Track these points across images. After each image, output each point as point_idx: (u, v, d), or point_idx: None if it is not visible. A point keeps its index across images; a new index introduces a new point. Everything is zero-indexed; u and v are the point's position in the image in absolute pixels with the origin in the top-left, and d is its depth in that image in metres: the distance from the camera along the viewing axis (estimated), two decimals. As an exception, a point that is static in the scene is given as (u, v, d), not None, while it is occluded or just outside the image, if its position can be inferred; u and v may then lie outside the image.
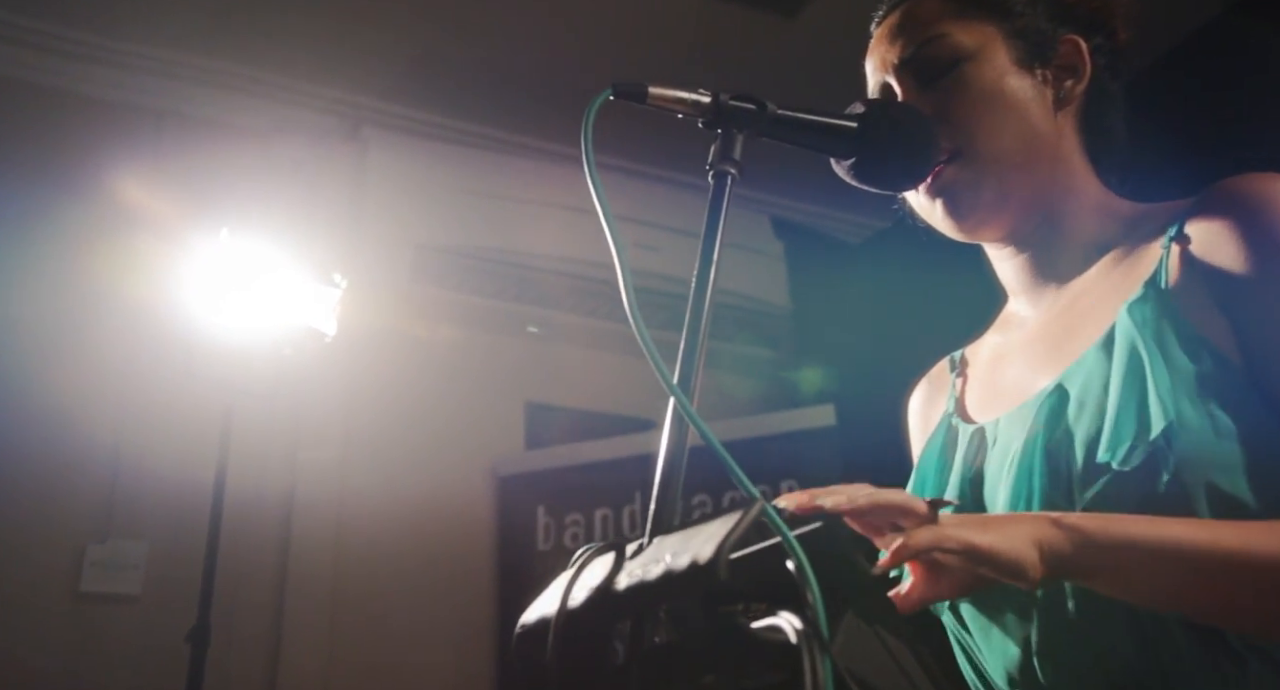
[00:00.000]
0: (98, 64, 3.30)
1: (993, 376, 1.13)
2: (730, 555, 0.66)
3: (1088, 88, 1.08)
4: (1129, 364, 0.91)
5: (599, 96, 0.90)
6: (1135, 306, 0.95)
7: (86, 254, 2.96)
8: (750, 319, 3.89)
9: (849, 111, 1.01)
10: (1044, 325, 1.08)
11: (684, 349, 0.89)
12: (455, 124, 3.73)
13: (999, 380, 1.11)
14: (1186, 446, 0.86)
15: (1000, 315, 1.19)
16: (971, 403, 1.14)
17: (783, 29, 3.36)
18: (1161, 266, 0.96)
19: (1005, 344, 1.14)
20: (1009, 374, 1.10)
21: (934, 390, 1.23)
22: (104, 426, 2.93)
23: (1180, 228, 0.97)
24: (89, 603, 2.80)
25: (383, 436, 3.31)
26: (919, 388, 1.26)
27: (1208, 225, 0.95)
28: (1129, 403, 0.89)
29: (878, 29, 1.11)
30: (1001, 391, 1.09)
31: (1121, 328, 0.94)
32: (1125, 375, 0.91)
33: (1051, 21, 1.08)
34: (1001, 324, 1.18)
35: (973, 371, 1.18)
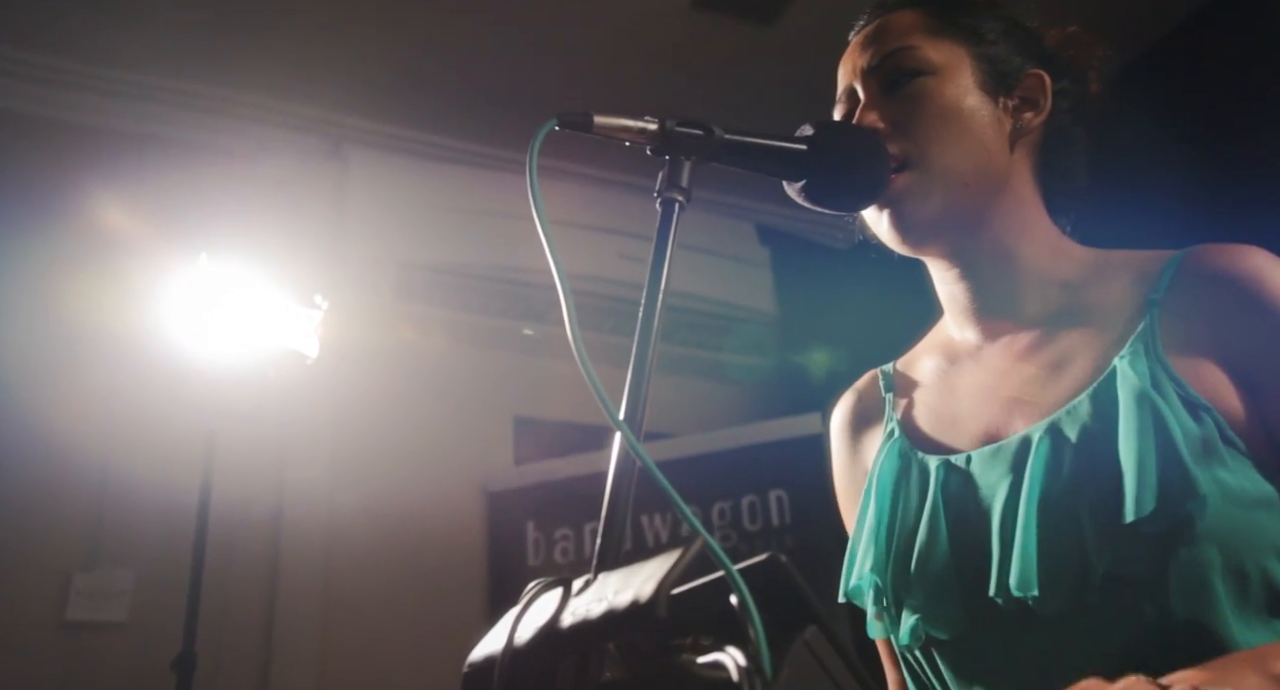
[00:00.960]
0: (78, 90, 3.31)
1: (945, 405, 1.10)
2: (672, 591, 0.66)
3: (1048, 126, 1.09)
4: (1139, 423, 0.90)
5: (543, 128, 0.90)
6: (1135, 363, 0.95)
7: (68, 280, 2.96)
8: (735, 327, 3.89)
9: (798, 134, 1.01)
10: (1007, 361, 1.06)
11: (631, 377, 0.88)
12: (437, 140, 3.74)
13: (954, 410, 1.09)
14: (1206, 512, 0.86)
15: (936, 337, 1.18)
16: (923, 428, 1.11)
17: (761, 36, 3.37)
18: (1151, 327, 0.97)
19: (954, 372, 1.12)
20: (964, 405, 1.08)
21: (865, 406, 1.20)
22: (89, 454, 2.92)
23: (1166, 291, 0.99)
24: (75, 631, 2.79)
25: (370, 455, 3.30)
26: (845, 401, 1.23)
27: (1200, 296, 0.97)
28: (1147, 464, 0.88)
29: (854, 37, 1.13)
30: (961, 425, 1.07)
31: (1125, 383, 0.94)
32: (1139, 434, 0.90)
33: (1021, 55, 1.09)
34: (943, 348, 1.15)
35: (918, 395, 1.15)
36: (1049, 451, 0.95)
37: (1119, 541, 0.88)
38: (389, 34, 3.27)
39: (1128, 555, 0.88)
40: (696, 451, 3.26)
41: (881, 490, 1.07)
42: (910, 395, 1.16)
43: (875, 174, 1.01)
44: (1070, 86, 1.11)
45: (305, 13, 3.16)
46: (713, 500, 3.21)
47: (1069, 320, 1.04)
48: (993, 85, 1.06)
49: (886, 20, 1.10)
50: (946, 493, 1.02)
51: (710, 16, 3.27)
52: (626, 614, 0.67)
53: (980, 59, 1.07)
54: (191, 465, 2.49)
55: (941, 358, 1.15)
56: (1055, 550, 0.91)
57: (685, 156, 0.93)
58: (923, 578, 0.99)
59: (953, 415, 1.09)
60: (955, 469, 1.03)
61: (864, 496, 1.10)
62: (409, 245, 3.57)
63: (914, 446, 1.09)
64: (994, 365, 1.07)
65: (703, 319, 3.81)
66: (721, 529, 3.19)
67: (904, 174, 1.02)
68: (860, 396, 1.22)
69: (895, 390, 1.17)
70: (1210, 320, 0.96)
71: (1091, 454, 0.93)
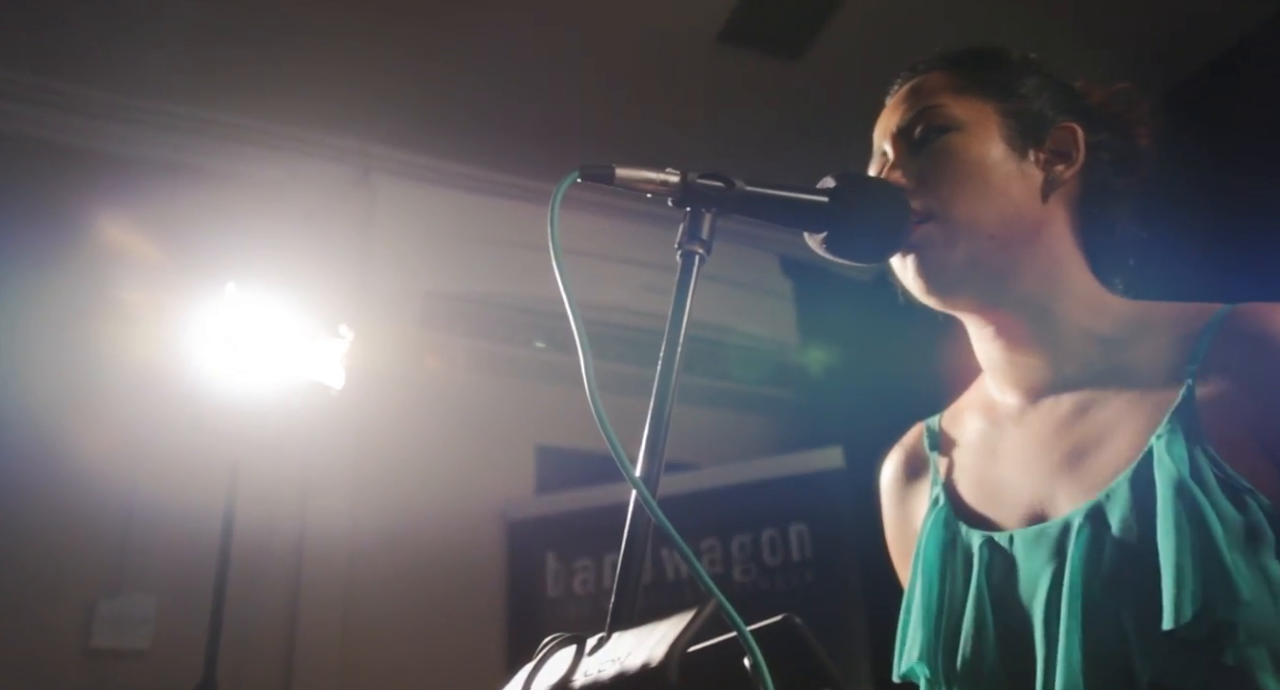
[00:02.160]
0: (107, 119, 3.36)
1: (988, 472, 1.09)
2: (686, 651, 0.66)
3: (1086, 179, 1.08)
4: (1178, 513, 0.87)
5: (564, 181, 0.90)
6: (1170, 444, 0.92)
7: (96, 308, 3.01)
8: (758, 359, 3.89)
9: (820, 186, 1.01)
10: (1049, 430, 1.04)
11: (649, 431, 0.88)
12: (464, 169, 3.77)
13: (997, 480, 1.07)
14: (1250, 614, 0.84)
15: (978, 393, 1.16)
16: (966, 496, 1.09)
17: (788, 71, 3.39)
18: (1188, 400, 0.94)
19: (996, 436, 1.10)
20: (1009, 477, 1.06)
21: (912, 464, 1.19)
22: (114, 481, 2.95)
23: (1206, 356, 0.96)
24: (99, 658, 2.81)
25: (392, 483, 3.31)
26: (893, 459, 1.22)
27: (1243, 362, 0.94)
28: (1185, 568, 0.85)
29: (889, 100, 1.14)
30: (1004, 497, 1.05)
31: (1162, 467, 0.91)
32: (1176, 526, 0.86)
33: (1055, 108, 1.09)
34: (985, 407, 1.14)
35: (959, 457, 1.13)
36: (1089, 541, 0.93)
37: (1162, 649, 0.85)
38: (417, 64, 3.31)
39: (1172, 664, 0.85)
40: (717, 484, 3.26)
41: (929, 565, 1.06)
42: (954, 457, 1.14)
43: (896, 225, 1.01)
44: (1110, 139, 1.10)
45: (335, 43, 3.20)
46: (733, 533, 3.20)
47: (1110, 383, 1.02)
48: (1020, 139, 1.06)
49: (917, 82, 1.12)
50: (990, 576, 1.00)
51: (736, 51, 3.29)
52: (638, 678, 0.66)
53: (1008, 115, 1.07)
54: (215, 493, 2.51)
55: (984, 419, 1.13)
56: (1100, 657, 0.88)
57: (706, 208, 0.93)
58: (970, 672, 0.98)
59: (996, 485, 1.07)
60: (999, 549, 1.01)
61: (913, 566, 1.09)
62: (434, 274, 3.60)
63: (958, 517, 1.07)
64: (1036, 433, 1.05)
65: (725, 350, 3.81)
66: (741, 563, 3.17)
67: (928, 225, 1.03)
68: (907, 454, 1.20)
69: (940, 449, 1.16)
70: (1248, 390, 0.92)
71: (1131, 546, 0.90)
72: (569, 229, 0.87)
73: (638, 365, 3.63)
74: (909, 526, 1.16)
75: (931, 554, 1.06)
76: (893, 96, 1.14)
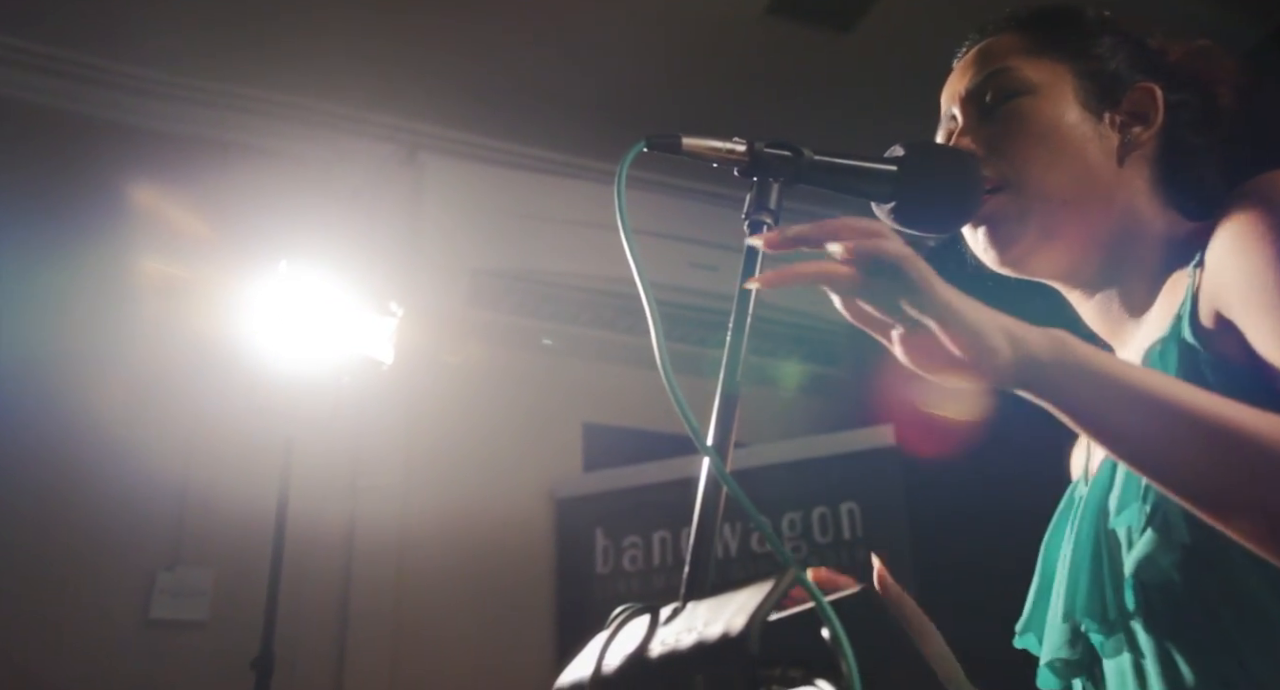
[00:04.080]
0: (161, 98, 3.39)
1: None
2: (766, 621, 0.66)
3: (1164, 139, 1.05)
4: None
5: (632, 150, 0.90)
6: (1165, 351, 0.91)
7: (150, 287, 3.05)
8: (807, 336, 3.86)
9: (889, 154, 0.99)
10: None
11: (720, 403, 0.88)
12: (511, 147, 3.76)
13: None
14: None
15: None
16: (1082, 454, 1.12)
17: (838, 43, 3.34)
18: (1188, 294, 0.93)
19: None
20: None
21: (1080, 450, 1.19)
22: (171, 457, 3.00)
23: (1212, 230, 0.94)
24: (158, 629, 2.87)
25: (442, 460, 3.34)
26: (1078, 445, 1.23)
27: (1220, 230, 0.92)
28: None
29: (957, 63, 1.12)
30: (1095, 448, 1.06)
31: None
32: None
33: (1131, 68, 1.06)
34: None
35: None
36: (1107, 473, 0.95)
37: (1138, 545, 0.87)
38: (464, 41, 3.31)
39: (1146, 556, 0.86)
40: (767, 461, 3.24)
41: (1049, 540, 1.08)
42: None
43: (967, 195, 1.00)
44: (1190, 98, 1.07)
45: (383, 20, 3.20)
46: (783, 511, 3.19)
47: (1158, 311, 1.01)
48: (1096, 101, 1.04)
49: (987, 44, 1.09)
50: (1072, 524, 1.01)
51: (786, 24, 3.25)
52: (717, 646, 0.66)
53: (1083, 76, 1.05)
54: (270, 469, 2.54)
55: None
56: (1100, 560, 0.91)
57: (774, 178, 0.92)
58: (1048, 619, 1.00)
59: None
60: (1078, 499, 1.02)
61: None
62: (482, 252, 3.60)
63: (1084, 478, 1.08)
64: None
65: (775, 327, 3.79)
66: (792, 540, 3.16)
67: (999, 195, 1.01)
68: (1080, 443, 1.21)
69: None
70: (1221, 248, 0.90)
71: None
72: (613, 208, 0.86)
73: (684, 343, 3.63)
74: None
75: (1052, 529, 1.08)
76: (961, 59, 1.12)
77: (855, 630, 0.67)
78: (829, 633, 0.67)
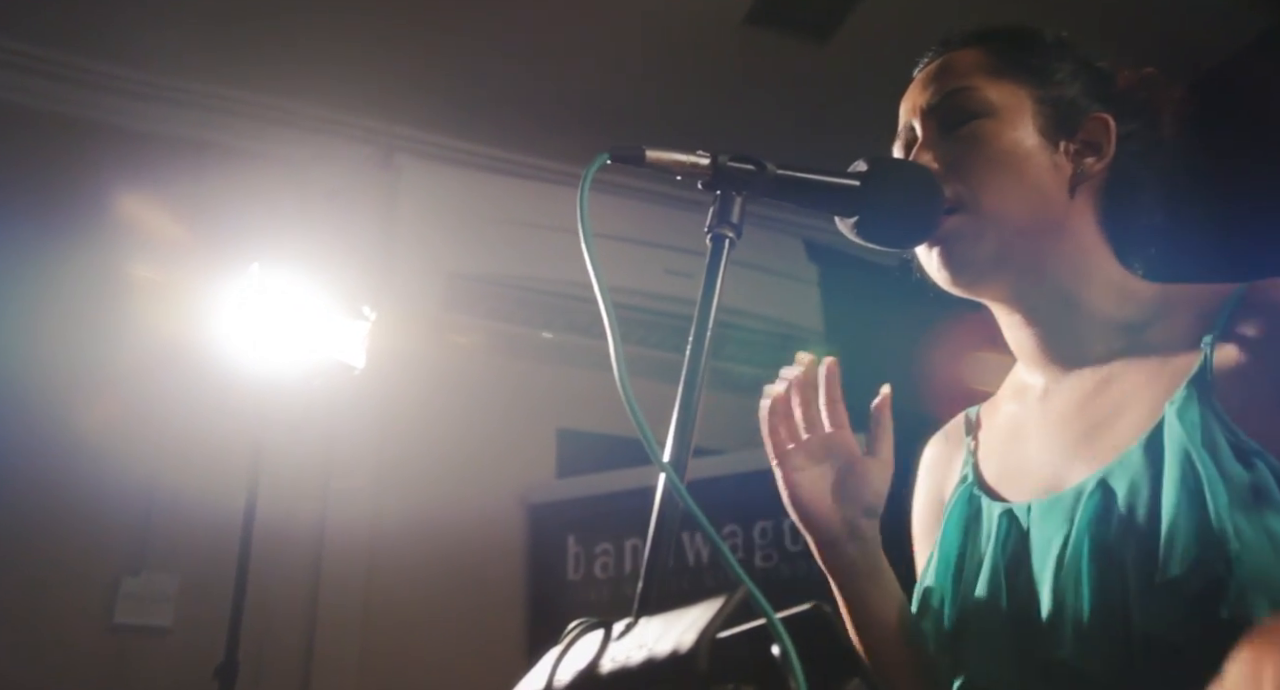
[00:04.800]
0: (133, 97, 3.36)
1: (1012, 450, 1.09)
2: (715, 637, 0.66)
3: (1112, 170, 1.06)
4: (1182, 475, 0.87)
5: (594, 162, 0.90)
6: (1183, 409, 0.91)
7: (120, 287, 3.02)
8: (782, 344, 3.86)
9: (852, 169, 1.00)
10: (1070, 407, 1.04)
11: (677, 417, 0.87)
12: (488, 151, 3.76)
13: (1020, 456, 1.08)
14: (1248, 570, 0.83)
15: (1011, 381, 1.16)
16: (990, 474, 1.10)
17: (816, 53, 3.35)
18: (1205, 366, 0.93)
19: (1022, 416, 1.10)
20: (1031, 452, 1.06)
21: (949, 449, 1.20)
22: (138, 460, 2.96)
23: (1225, 327, 0.95)
24: (121, 635, 2.83)
25: (414, 465, 3.32)
26: (933, 443, 1.24)
27: (1261, 331, 0.93)
28: (1188, 522, 0.85)
29: (918, 74, 1.12)
30: (1024, 471, 1.06)
31: (1171, 432, 0.91)
32: (1180, 488, 0.87)
33: (1087, 97, 1.07)
34: (1015, 392, 1.14)
35: (986, 437, 1.15)
36: (1099, 504, 0.93)
37: (1157, 602, 0.85)
38: (443, 45, 3.30)
39: (1167, 616, 0.85)
40: (740, 469, 3.24)
41: (949, 536, 1.07)
42: (983, 438, 1.15)
43: (928, 212, 1.00)
44: (1139, 129, 1.08)
45: (361, 22, 3.19)
46: (755, 519, 3.19)
47: (1130, 363, 1.01)
48: (1054, 129, 1.05)
49: (949, 58, 1.10)
50: (1005, 544, 1.00)
51: (764, 33, 3.26)
52: (666, 663, 0.66)
53: (1043, 102, 1.05)
54: (237, 473, 2.52)
55: (1015, 402, 1.13)
56: (1103, 611, 0.89)
57: (737, 191, 0.92)
58: (979, 634, 0.99)
59: (1019, 461, 1.07)
60: (1015, 520, 1.01)
61: (937, 540, 1.10)
62: (458, 256, 3.59)
63: (983, 492, 1.08)
64: (1058, 408, 1.06)
65: (749, 334, 3.79)
66: (763, 549, 3.17)
67: (956, 216, 1.01)
68: (946, 439, 1.22)
69: (974, 434, 1.17)
70: (1261, 354, 0.91)
71: (1137, 508, 0.90)
72: (596, 211, 0.87)
73: (659, 349, 3.63)
74: (936, 504, 1.18)
75: (953, 528, 1.07)
76: (922, 71, 1.12)
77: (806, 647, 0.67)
78: (779, 650, 0.67)
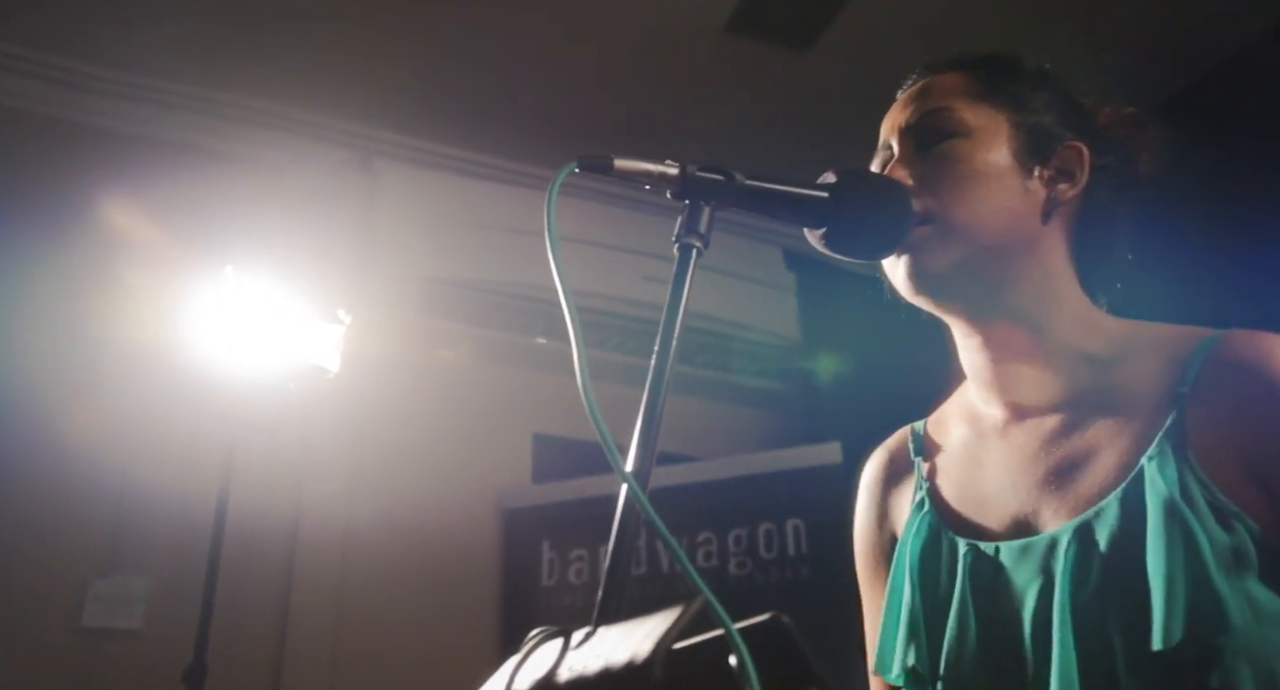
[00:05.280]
0: (110, 97, 3.35)
1: (972, 482, 1.08)
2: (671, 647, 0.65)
3: (1086, 201, 1.07)
4: (1168, 534, 0.87)
5: (562, 170, 0.90)
6: (1161, 466, 0.91)
7: (94, 288, 2.99)
8: (759, 352, 3.87)
9: (821, 180, 1.00)
10: (1035, 445, 1.03)
11: (641, 426, 0.88)
12: (467, 155, 3.75)
13: (981, 490, 1.06)
14: (1238, 637, 0.83)
15: (963, 400, 1.15)
16: (950, 502, 1.08)
17: (797, 62, 3.37)
18: (1179, 423, 0.93)
19: (980, 446, 1.09)
20: (990, 487, 1.05)
21: (896, 468, 1.18)
22: (109, 461, 2.94)
23: (1194, 382, 0.95)
24: (90, 637, 2.81)
25: (388, 470, 3.31)
26: (876, 459, 1.21)
27: (1234, 390, 0.93)
28: (1176, 589, 0.85)
29: (901, 95, 1.14)
30: (988, 507, 1.04)
31: (1154, 489, 0.90)
32: (1167, 548, 0.86)
33: (1063, 126, 1.08)
34: (969, 417, 1.12)
35: (943, 463, 1.12)
36: (1077, 557, 0.92)
37: (1149, 669, 0.85)
38: (422, 49, 3.30)
39: (1158, 684, 0.85)
40: (714, 477, 3.25)
41: (914, 568, 1.05)
42: (938, 462, 1.13)
43: (896, 224, 1.01)
44: (1114, 163, 1.09)
45: (340, 26, 3.19)
46: (729, 527, 3.19)
47: (1097, 403, 1.01)
48: (1028, 154, 1.05)
49: (932, 81, 1.11)
50: (976, 584, 0.99)
51: (744, 41, 3.27)
52: (622, 674, 0.66)
53: (1019, 127, 1.06)
54: (210, 476, 2.50)
55: (968, 428, 1.12)
56: (1091, 673, 0.88)
57: (705, 201, 0.92)
58: (952, 676, 0.98)
59: (980, 495, 1.06)
60: (984, 558, 1.00)
61: (896, 568, 1.08)
62: (435, 260, 3.58)
63: (943, 521, 1.07)
64: (1021, 447, 1.04)
65: (726, 342, 3.80)
66: (737, 556, 3.17)
67: (924, 226, 1.02)
68: (891, 456, 1.19)
69: (924, 454, 1.15)
70: (1238, 416, 0.91)
71: (1119, 565, 0.90)
72: (573, 216, 0.87)
73: (638, 355, 3.63)
74: (885, 531, 1.16)
75: (915, 556, 1.06)
76: (904, 92, 1.13)
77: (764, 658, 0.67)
78: (736, 661, 0.67)
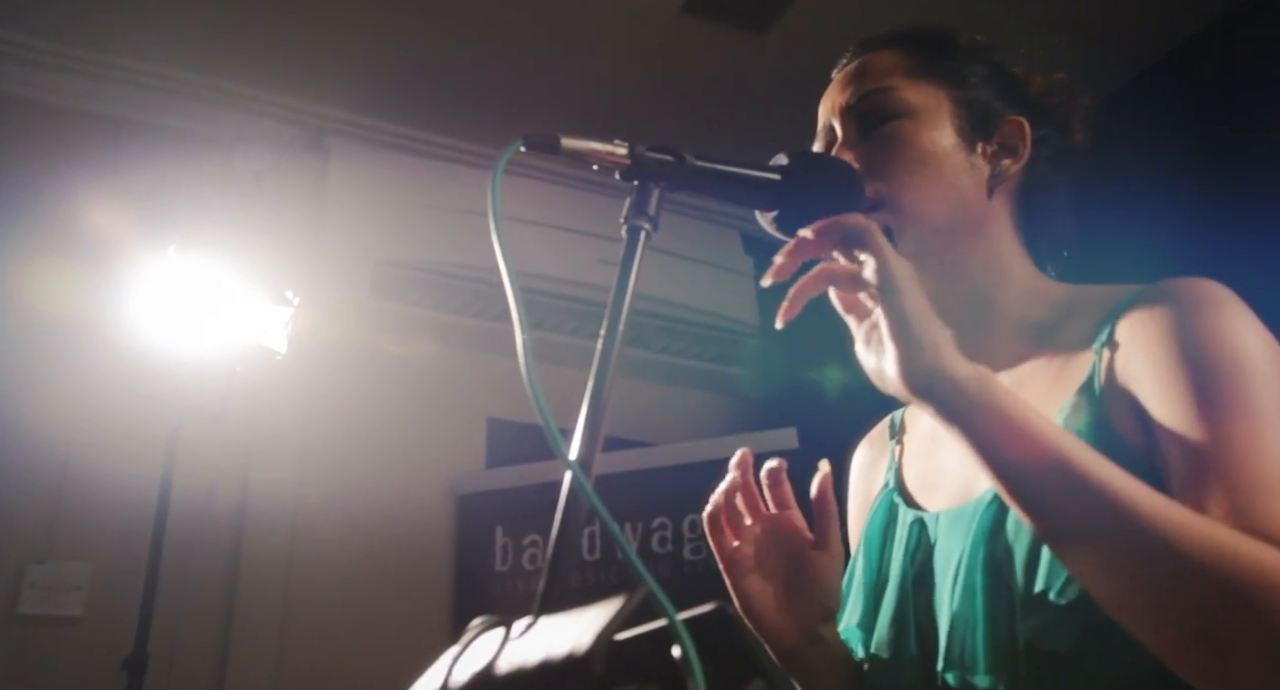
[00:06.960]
0: (52, 70, 3.25)
1: (930, 458, 1.10)
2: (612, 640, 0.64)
3: (1027, 173, 1.08)
4: None
5: (508, 150, 0.88)
6: (1070, 419, 0.91)
7: (33, 267, 2.91)
8: (716, 336, 3.86)
9: (773, 163, 0.99)
10: None
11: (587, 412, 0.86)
12: (421, 135, 3.70)
13: (937, 464, 1.08)
14: None
15: None
16: (910, 481, 1.10)
17: (754, 44, 3.35)
18: (1094, 372, 0.93)
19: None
20: (946, 461, 1.06)
21: (875, 454, 1.21)
22: (48, 445, 2.87)
23: (1112, 330, 0.94)
24: (26, 625, 2.74)
25: (338, 454, 3.27)
26: (861, 447, 1.24)
27: (1135, 325, 0.92)
28: None
29: (837, 74, 1.13)
30: (939, 480, 1.06)
31: None
32: None
33: (1002, 100, 1.08)
34: None
35: (909, 442, 1.15)
36: (994, 515, 0.92)
37: (1039, 612, 0.85)
38: (375, 25, 3.24)
39: (1048, 626, 0.85)
40: (670, 462, 3.24)
41: (870, 542, 1.07)
42: (907, 444, 1.15)
43: (848, 206, 0.99)
44: (1051, 134, 1.10)
45: (291, 1, 3.12)
46: (684, 512, 3.19)
47: (1037, 365, 1.01)
48: (971, 130, 1.05)
49: (868, 59, 1.10)
50: (913, 555, 1.01)
51: (701, 22, 3.25)
52: (562, 666, 0.64)
53: (960, 104, 1.06)
54: (154, 459, 2.45)
55: None
56: (991, 627, 0.89)
57: (654, 183, 0.91)
58: (886, 642, 0.99)
59: (935, 469, 1.08)
60: (925, 529, 1.01)
61: (860, 546, 1.11)
62: (387, 241, 3.52)
63: (900, 497, 1.08)
64: None
65: (683, 326, 3.78)
66: (693, 541, 3.17)
67: (875, 213, 1.01)
68: (871, 445, 1.23)
69: (898, 439, 1.17)
70: (1136, 353, 0.90)
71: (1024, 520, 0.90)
72: (531, 199, 0.85)
73: (591, 339, 3.60)
74: (865, 510, 1.18)
75: (874, 532, 1.08)
76: (841, 71, 1.12)
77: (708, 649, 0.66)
78: (679, 652, 0.65)
